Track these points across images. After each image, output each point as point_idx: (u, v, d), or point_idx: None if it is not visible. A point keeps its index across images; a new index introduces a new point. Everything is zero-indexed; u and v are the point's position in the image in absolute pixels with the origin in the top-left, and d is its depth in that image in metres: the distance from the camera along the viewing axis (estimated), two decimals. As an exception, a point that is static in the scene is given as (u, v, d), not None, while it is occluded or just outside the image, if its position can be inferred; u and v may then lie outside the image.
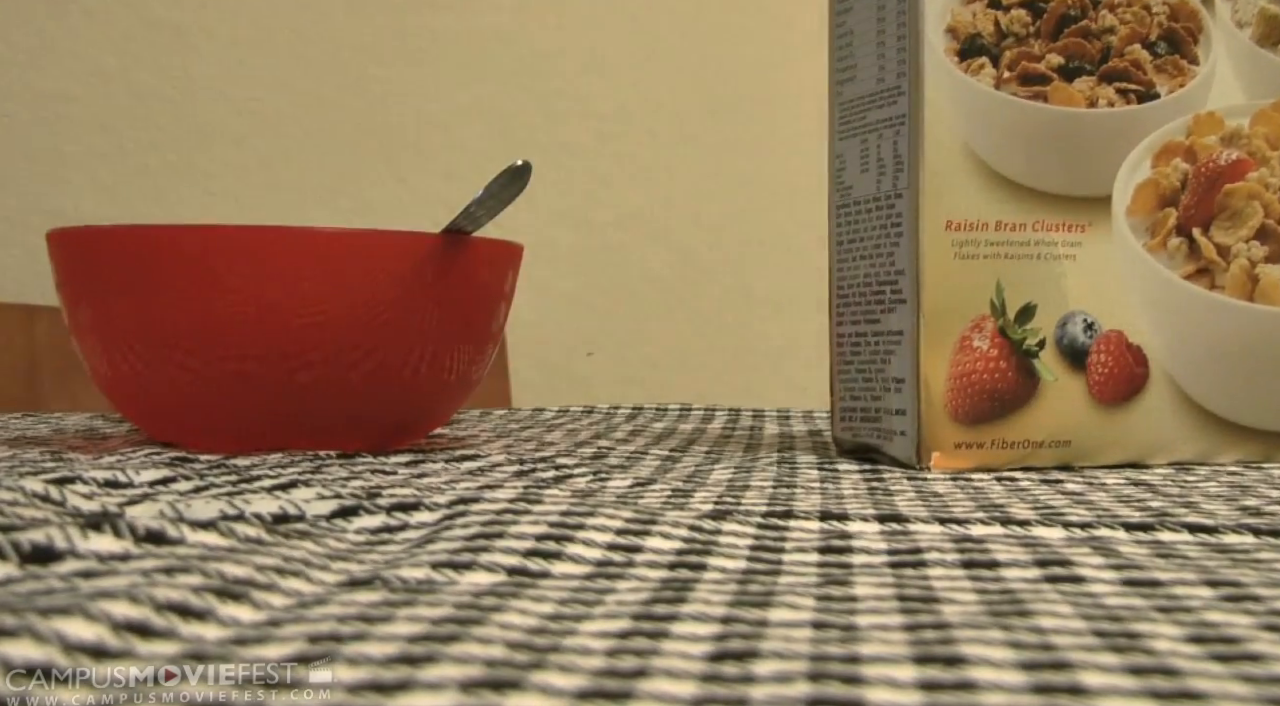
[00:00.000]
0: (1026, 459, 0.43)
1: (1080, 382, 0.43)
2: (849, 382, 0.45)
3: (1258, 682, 0.17)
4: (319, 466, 0.39)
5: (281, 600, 0.21)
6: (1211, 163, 0.44)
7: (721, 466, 0.42)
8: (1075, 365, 0.43)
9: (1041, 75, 0.43)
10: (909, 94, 0.42)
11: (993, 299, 0.42)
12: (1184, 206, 0.44)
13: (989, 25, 0.43)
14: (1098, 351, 0.43)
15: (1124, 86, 0.44)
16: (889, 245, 0.43)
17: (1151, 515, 0.32)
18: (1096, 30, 0.44)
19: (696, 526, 0.28)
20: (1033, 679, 0.17)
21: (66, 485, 0.31)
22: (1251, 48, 0.45)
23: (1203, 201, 0.44)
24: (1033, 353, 0.42)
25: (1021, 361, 0.42)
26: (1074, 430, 0.43)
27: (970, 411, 0.42)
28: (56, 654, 0.17)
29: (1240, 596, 0.22)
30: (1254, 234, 0.44)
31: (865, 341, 0.44)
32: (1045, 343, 0.42)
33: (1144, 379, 0.43)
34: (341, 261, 0.43)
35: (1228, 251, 0.44)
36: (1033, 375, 0.42)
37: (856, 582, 0.23)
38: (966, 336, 0.42)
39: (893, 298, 0.43)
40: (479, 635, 0.18)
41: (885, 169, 0.43)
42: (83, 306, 0.44)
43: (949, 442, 0.42)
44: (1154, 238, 0.44)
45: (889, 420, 0.43)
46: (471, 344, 0.47)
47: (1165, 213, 0.44)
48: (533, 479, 0.37)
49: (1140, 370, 0.43)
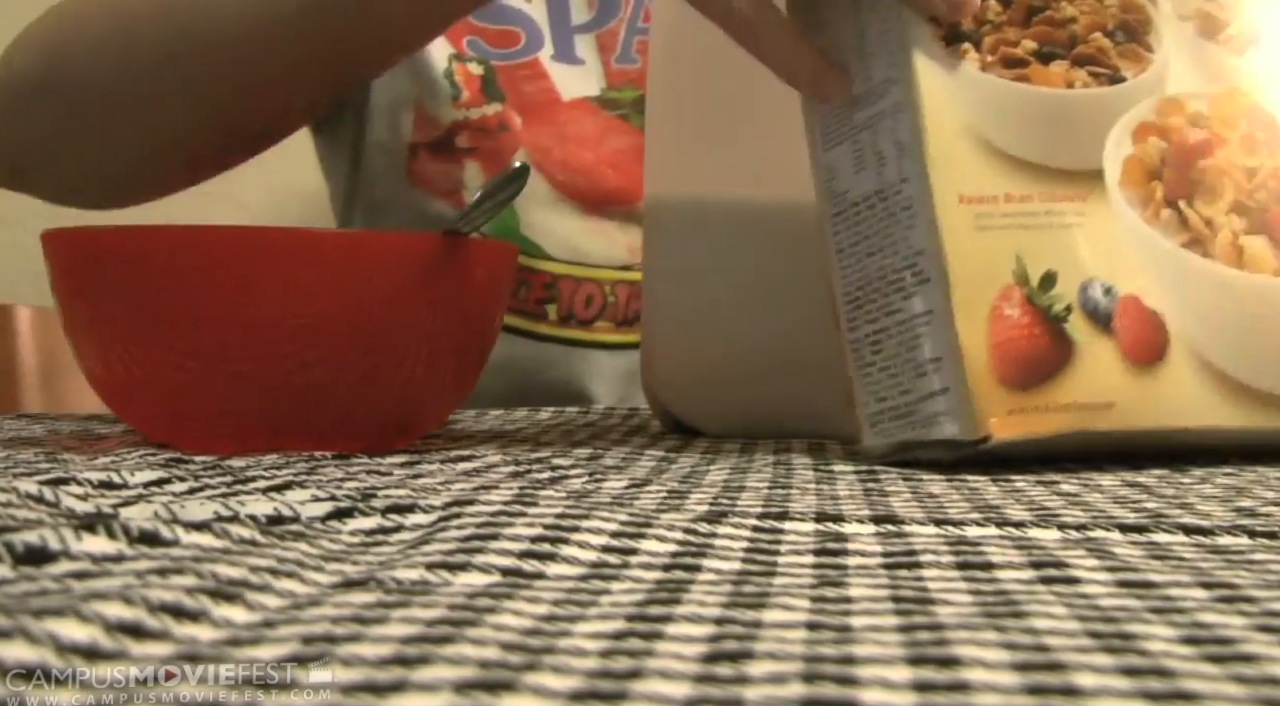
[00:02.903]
0: (1077, 423, 0.42)
1: (1111, 345, 0.43)
2: (873, 386, 0.44)
3: (1252, 684, 0.17)
4: (314, 468, 0.39)
5: (276, 601, 0.21)
6: (1183, 141, 0.45)
7: (717, 467, 0.42)
8: (1102, 329, 0.43)
9: (1021, 59, 0.44)
10: (902, 83, 0.42)
11: (1014, 268, 0.42)
12: (1167, 181, 0.44)
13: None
14: (1121, 315, 0.43)
15: (1095, 69, 0.45)
16: (903, 230, 0.43)
17: (1146, 516, 0.32)
18: (1059, 19, 0.45)
19: (692, 529, 0.28)
20: (1027, 680, 0.17)
21: (60, 486, 0.31)
22: (1195, 39, 0.47)
23: (1181, 176, 0.45)
24: (1062, 317, 0.42)
25: (1053, 326, 0.42)
26: (1115, 391, 0.43)
27: (1017, 377, 0.42)
28: (50, 655, 0.17)
29: (1235, 598, 0.22)
30: (1231, 208, 0.45)
31: (888, 334, 0.44)
32: (1071, 308, 0.42)
33: (1166, 341, 0.44)
34: (338, 263, 0.43)
35: (1213, 223, 0.45)
36: (1067, 339, 0.42)
37: (851, 584, 0.23)
38: (997, 306, 0.42)
39: (914, 280, 0.42)
40: (473, 636, 0.18)
41: (886, 160, 0.43)
42: (78, 307, 0.44)
43: (1003, 410, 0.41)
44: (1146, 210, 0.44)
45: (928, 405, 0.42)
46: (468, 345, 0.47)
47: (1153, 185, 0.44)
48: (528, 480, 0.37)
49: (1162, 333, 0.44)
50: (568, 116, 0.77)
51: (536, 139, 0.76)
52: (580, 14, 0.80)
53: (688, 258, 0.55)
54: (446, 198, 0.77)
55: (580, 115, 0.77)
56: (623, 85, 0.78)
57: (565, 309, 0.77)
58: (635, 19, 0.80)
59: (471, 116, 0.77)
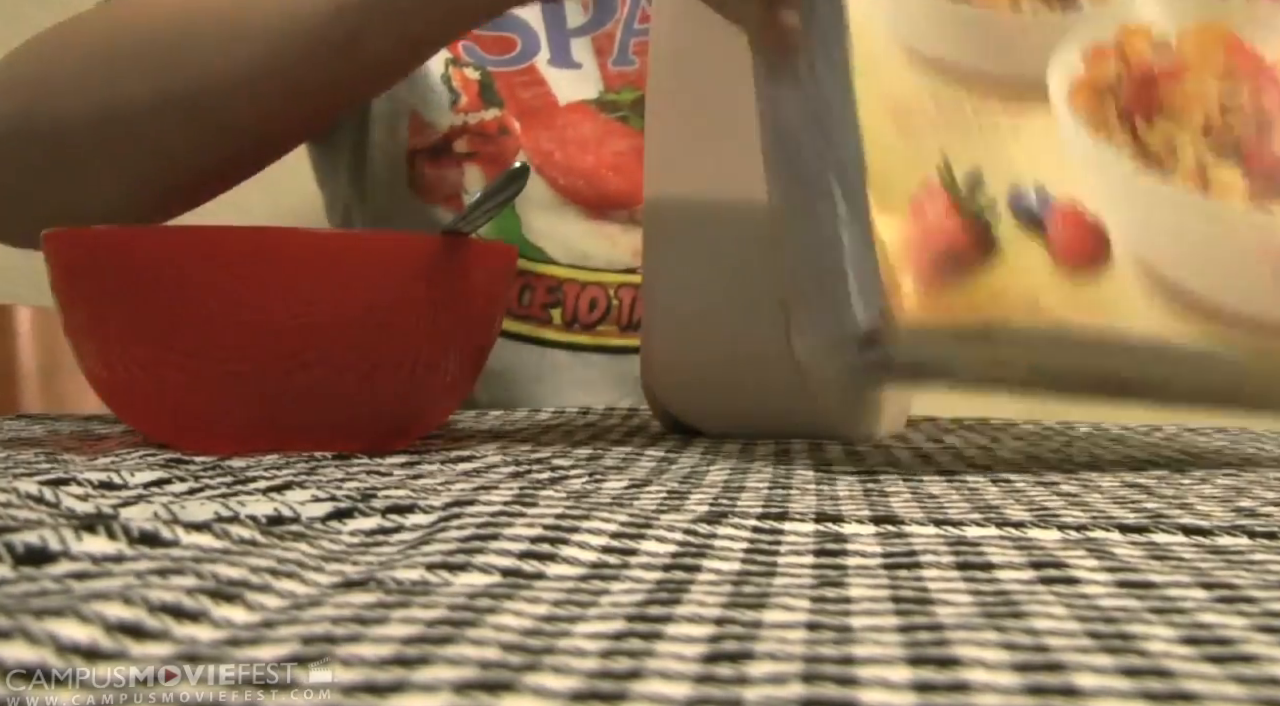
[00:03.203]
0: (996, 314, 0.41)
1: (1041, 246, 0.42)
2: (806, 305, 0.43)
3: (1252, 684, 0.17)
4: (314, 468, 0.39)
5: (276, 601, 0.21)
6: (1143, 63, 0.44)
7: (717, 468, 0.42)
8: (1033, 231, 0.42)
9: None
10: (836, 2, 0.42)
11: (938, 165, 0.41)
12: (1126, 99, 0.44)
13: None
14: (1056, 220, 0.42)
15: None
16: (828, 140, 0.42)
17: (1146, 517, 0.32)
18: None
19: (692, 529, 0.28)
20: (1027, 680, 0.17)
21: (61, 486, 0.31)
22: None
23: (1140, 96, 0.44)
24: (985, 216, 0.41)
25: (977, 223, 0.41)
26: (1045, 290, 0.41)
27: (936, 271, 0.40)
28: (50, 655, 0.17)
29: (1235, 598, 0.22)
30: (1200, 133, 0.44)
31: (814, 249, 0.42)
32: (998, 207, 0.41)
33: (1105, 249, 0.43)
34: (338, 263, 0.43)
35: (1174, 145, 0.44)
36: (990, 237, 0.41)
37: (851, 584, 0.23)
38: (919, 201, 0.41)
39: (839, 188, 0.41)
40: (473, 636, 0.18)
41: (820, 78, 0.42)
42: (78, 308, 0.44)
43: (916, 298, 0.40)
44: (1097, 127, 0.43)
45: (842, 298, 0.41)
46: (468, 345, 0.47)
47: (1106, 104, 0.43)
48: (528, 480, 0.37)
49: (1101, 240, 0.43)
50: (566, 120, 0.77)
51: (537, 143, 0.76)
52: (576, 17, 0.80)
53: (688, 258, 0.55)
54: (447, 203, 0.77)
55: (579, 119, 0.77)
56: (621, 87, 0.78)
57: (570, 313, 0.77)
58: (632, 20, 0.80)
59: (470, 121, 0.76)
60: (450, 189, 0.77)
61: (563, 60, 0.79)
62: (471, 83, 0.77)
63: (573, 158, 0.76)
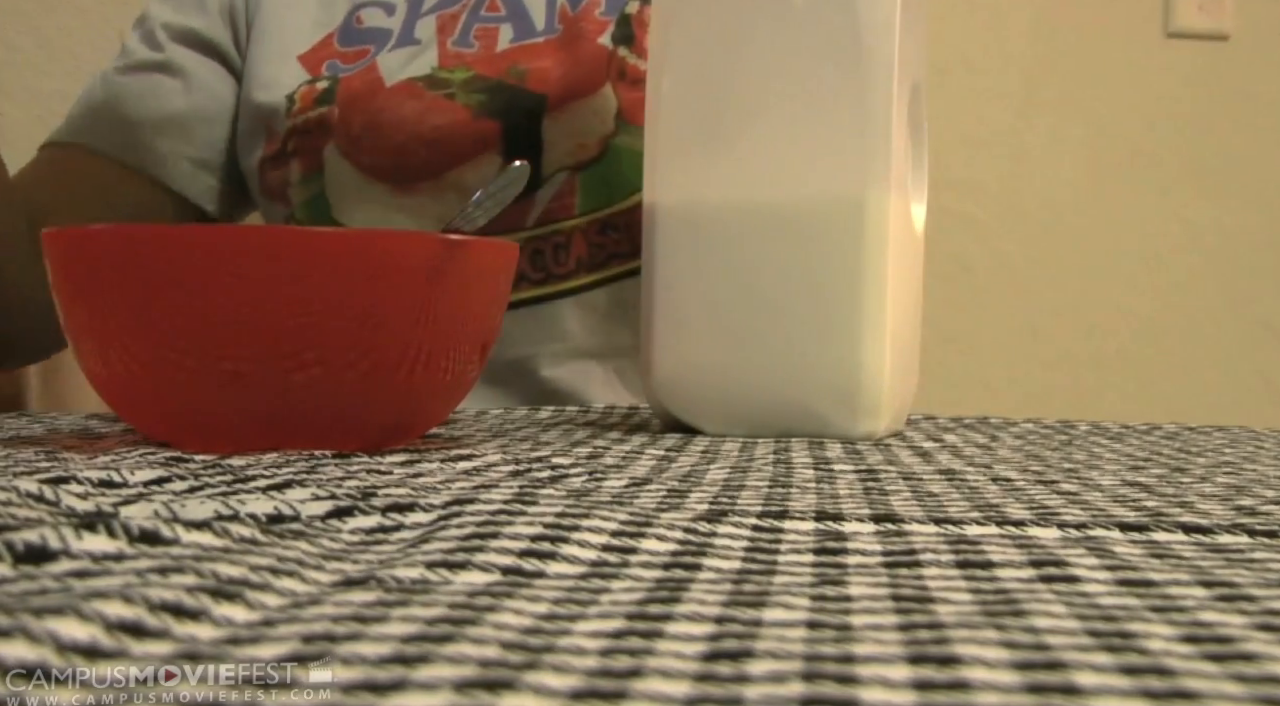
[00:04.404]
0: None
1: None
2: None
3: (1251, 682, 0.17)
4: (314, 466, 0.39)
5: (276, 600, 0.21)
6: None
7: (717, 467, 0.42)
8: None
9: None
10: None
11: None
12: None
13: None
14: None
15: None
16: None
17: (1146, 515, 0.32)
18: None
19: (692, 528, 0.28)
20: (1027, 679, 0.17)
21: (61, 485, 0.31)
22: None
23: None
24: None
25: None
26: None
27: None
28: (50, 654, 0.17)
29: (1234, 596, 0.22)
30: None
31: None
32: None
33: None
34: (338, 261, 0.43)
35: None
36: None
37: (851, 583, 0.23)
38: None
39: None
40: (473, 635, 0.18)
41: None
42: (78, 306, 0.44)
43: None
44: None
45: None
46: (468, 344, 0.47)
47: None
48: (528, 479, 0.37)
49: None
50: (385, 103, 0.79)
51: (348, 129, 0.79)
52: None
53: (688, 258, 0.55)
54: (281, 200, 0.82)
55: (401, 99, 0.79)
56: (455, 67, 0.80)
57: None
58: (479, 7, 0.83)
59: (298, 123, 0.81)
60: (281, 184, 0.81)
61: (405, 39, 0.82)
62: (315, 91, 0.81)
63: (385, 137, 0.78)
